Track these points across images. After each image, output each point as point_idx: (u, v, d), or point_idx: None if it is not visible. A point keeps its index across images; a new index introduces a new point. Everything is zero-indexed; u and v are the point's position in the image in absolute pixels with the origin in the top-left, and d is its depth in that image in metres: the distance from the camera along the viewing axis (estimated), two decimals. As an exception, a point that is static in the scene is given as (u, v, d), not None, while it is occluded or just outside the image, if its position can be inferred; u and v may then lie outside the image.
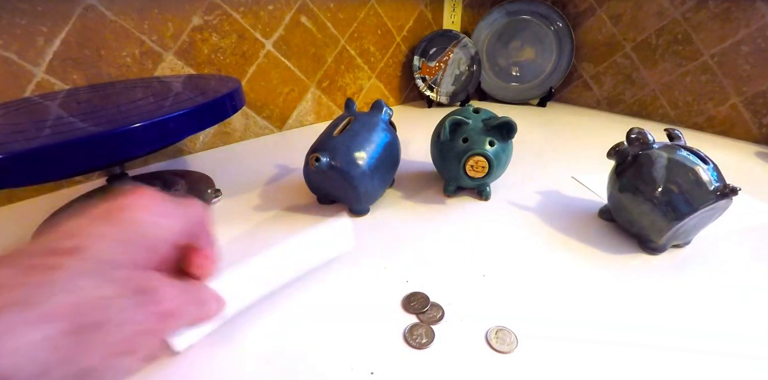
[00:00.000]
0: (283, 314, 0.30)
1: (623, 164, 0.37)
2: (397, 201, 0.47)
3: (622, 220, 0.39)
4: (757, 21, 0.62)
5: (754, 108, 0.66)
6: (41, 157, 0.27)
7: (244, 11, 0.60)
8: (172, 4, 0.54)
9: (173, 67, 0.56)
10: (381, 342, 0.27)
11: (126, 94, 0.42)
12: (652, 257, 0.36)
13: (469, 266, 0.35)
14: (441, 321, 0.29)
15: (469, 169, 0.42)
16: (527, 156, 0.60)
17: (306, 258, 0.30)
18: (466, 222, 0.42)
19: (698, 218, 0.33)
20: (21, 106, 0.40)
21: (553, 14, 0.83)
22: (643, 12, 0.75)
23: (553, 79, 0.87)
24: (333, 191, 0.42)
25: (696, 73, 0.71)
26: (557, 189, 0.50)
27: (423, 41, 0.84)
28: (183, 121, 0.34)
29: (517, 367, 0.26)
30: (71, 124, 0.32)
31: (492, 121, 0.42)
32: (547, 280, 0.34)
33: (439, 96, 0.88)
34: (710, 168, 0.33)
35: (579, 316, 0.30)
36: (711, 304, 0.31)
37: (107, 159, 0.30)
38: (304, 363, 0.26)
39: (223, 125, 0.65)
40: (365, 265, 0.35)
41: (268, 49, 0.65)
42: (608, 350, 0.27)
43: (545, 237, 0.40)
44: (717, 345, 0.27)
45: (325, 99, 0.77)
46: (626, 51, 0.79)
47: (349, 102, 0.47)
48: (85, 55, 0.49)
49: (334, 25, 0.72)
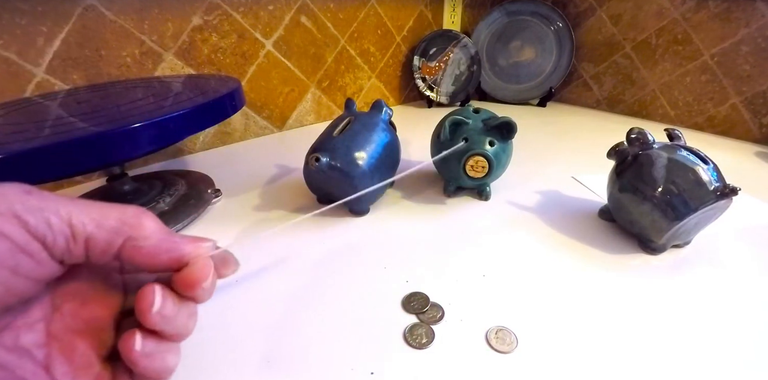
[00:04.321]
0: (282, 314, 0.30)
1: (623, 164, 0.37)
2: (397, 202, 0.47)
3: (622, 220, 0.39)
4: (757, 21, 0.62)
5: (754, 108, 0.66)
6: (41, 157, 0.27)
7: (244, 11, 0.60)
8: (172, 4, 0.54)
9: (173, 67, 0.56)
10: (381, 342, 0.27)
11: (126, 94, 0.42)
12: (652, 257, 0.36)
13: (469, 266, 0.35)
14: (441, 321, 0.29)
15: (469, 169, 0.42)
16: (527, 156, 0.60)
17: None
18: (466, 222, 0.42)
19: (698, 218, 0.33)
20: (21, 106, 0.40)
21: (553, 14, 0.83)
22: (643, 12, 0.75)
23: (553, 79, 0.87)
24: (333, 191, 0.42)
25: (696, 73, 0.71)
26: (557, 189, 0.50)
27: (423, 41, 0.84)
28: (183, 121, 0.34)
29: (517, 367, 0.26)
30: (71, 124, 0.32)
31: (492, 121, 0.42)
32: (547, 280, 0.33)
33: (439, 96, 0.88)
34: (710, 168, 0.33)
35: (579, 316, 0.30)
36: (711, 304, 0.31)
37: (107, 159, 0.30)
38: (304, 363, 0.26)
39: (223, 125, 0.65)
40: (365, 265, 0.35)
41: (268, 49, 0.65)
42: (608, 350, 0.27)
43: (545, 237, 0.40)
44: (717, 346, 0.27)
45: (325, 99, 0.77)
46: (626, 51, 0.79)
47: (349, 102, 0.47)
48: (85, 55, 0.49)
49: (334, 25, 0.72)
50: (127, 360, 0.15)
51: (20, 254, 0.13)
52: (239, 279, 0.34)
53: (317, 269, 0.35)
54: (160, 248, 0.16)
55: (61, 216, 0.14)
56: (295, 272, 0.35)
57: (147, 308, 0.15)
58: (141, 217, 0.16)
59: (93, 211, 0.15)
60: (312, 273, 0.34)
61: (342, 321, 0.29)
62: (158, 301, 0.15)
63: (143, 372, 0.16)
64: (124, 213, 0.16)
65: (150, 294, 0.15)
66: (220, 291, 0.32)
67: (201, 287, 0.16)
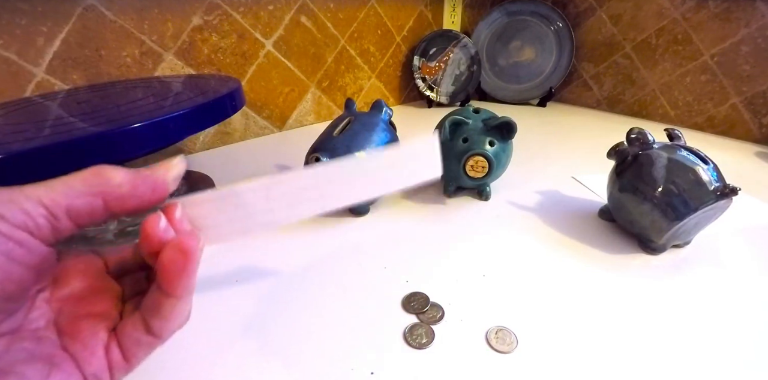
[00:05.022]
0: (282, 314, 0.30)
1: (623, 164, 0.37)
2: (397, 202, 0.47)
3: (622, 220, 0.39)
4: (757, 21, 0.62)
5: (754, 108, 0.66)
6: (41, 157, 0.27)
7: (244, 11, 0.60)
8: (172, 4, 0.54)
9: (173, 67, 0.56)
10: (381, 342, 0.27)
11: (126, 94, 0.42)
12: (652, 257, 0.36)
13: (469, 266, 0.35)
14: (441, 321, 0.29)
15: (469, 169, 0.42)
16: (527, 156, 0.60)
17: (376, 179, 0.23)
18: (466, 222, 0.42)
19: (698, 218, 0.33)
20: (21, 106, 0.40)
21: (553, 14, 0.83)
22: (643, 12, 0.75)
23: (553, 79, 0.87)
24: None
25: (696, 73, 0.71)
26: (557, 189, 0.50)
27: (423, 41, 0.84)
28: (183, 121, 0.34)
29: (517, 367, 0.26)
30: (71, 124, 0.32)
31: (492, 121, 0.42)
32: (547, 280, 0.33)
33: (439, 96, 0.88)
34: (710, 168, 0.33)
35: (579, 316, 0.30)
36: (711, 304, 0.31)
37: (107, 159, 0.30)
38: (305, 363, 0.26)
39: (223, 125, 0.65)
40: (365, 265, 0.35)
41: (268, 49, 0.65)
42: (608, 350, 0.27)
43: (545, 237, 0.40)
44: (717, 345, 0.27)
45: (325, 99, 0.77)
46: (626, 51, 0.79)
47: (349, 102, 0.47)
48: (85, 55, 0.49)
49: (334, 25, 0.72)
50: (185, 257, 0.16)
51: (9, 242, 0.14)
52: (238, 278, 0.34)
53: (317, 269, 0.35)
54: (137, 186, 0.17)
55: (33, 201, 0.14)
56: (295, 272, 0.35)
57: (155, 223, 0.16)
58: (102, 172, 0.16)
59: (57, 186, 0.15)
60: (312, 273, 0.34)
61: (342, 321, 0.29)
62: (163, 219, 0.17)
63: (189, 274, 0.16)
64: (84, 175, 0.16)
65: (155, 216, 0.17)
66: (220, 291, 0.32)
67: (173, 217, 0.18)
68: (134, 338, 0.17)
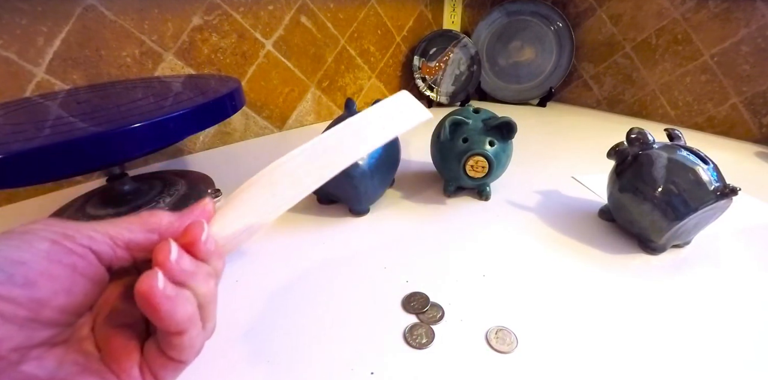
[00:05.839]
0: (282, 314, 0.30)
1: (623, 164, 0.37)
2: (397, 202, 0.47)
3: (622, 220, 0.39)
4: (757, 21, 0.62)
5: (754, 108, 0.66)
6: (41, 157, 0.27)
7: (244, 11, 0.60)
8: (172, 4, 0.54)
9: (173, 67, 0.56)
10: (381, 342, 0.27)
11: (126, 94, 0.42)
12: (652, 257, 0.36)
13: (469, 266, 0.35)
14: (441, 321, 0.29)
15: (469, 169, 0.42)
16: (527, 156, 0.60)
17: (370, 134, 0.25)
18: (466, 222, 0.42)
19: (698, 218, 0.33)
20: (21, 106, 0.40)
21: (553, 14, 0.83)
22: (643, 12, 0.75)
23: (553, 79, 0.87)
24: (333, 191, 0.42)
25: (696, 73, 0.71)
26: (557, 189, 0.50)
27: (423, 41, 0.84)
28: (183, 121, 0.33)
29: (517, 367, 0.26)
30: (71, 124, 0.32)
31: (492, 121, 0.42)
32: (547, 280, 0.33)
33: (439, 96, 0.88)
34: (710, 168, 0.33)
35: (579, 316, 0.30)
36: (711, 304, 0.31)
37: (107, 159, 0.30)
38: (304, 362, 0.26)
39: (223, 125, 0.65)
40: (365, 265, 0.35)
41: (268, 49, 0.65)
42: (608, 350, 0.27)
43: (545, 237, 0.40)
44: (717, 345, 0.27)
45: (325, 99, 0.77)
46: (626, 51, 0.79)
47: (349, 102, 0.47)
48: (85, 55, 0.49)
49: (334, 25, 0.72)
50: (146, 302, 0.15)
51: (74, 256, 0.15)
52: (239, 278, 0.34)
53: (317, 269, 0.35)
54: (183, 222, 0.19)
55: (99, 232, 0.17)
56: (295, 272, 0.35)
57: (165, 256, 0.16)
58: (155, 213, 0.19)
59: (119, 223, 0.18)
60: (312, 273, 0.35)
61: (342, 321, 0.29)
62: (174, 250, 0.17)
63: (164, 317, 0.16)
64: (140, 216, 0.19)
65: (166, 245, 0.17)
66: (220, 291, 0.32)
67: (200, 240, 0.18)
68: (159, 363, 0.18)
